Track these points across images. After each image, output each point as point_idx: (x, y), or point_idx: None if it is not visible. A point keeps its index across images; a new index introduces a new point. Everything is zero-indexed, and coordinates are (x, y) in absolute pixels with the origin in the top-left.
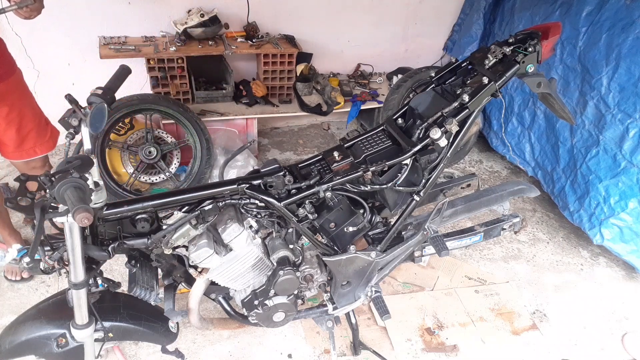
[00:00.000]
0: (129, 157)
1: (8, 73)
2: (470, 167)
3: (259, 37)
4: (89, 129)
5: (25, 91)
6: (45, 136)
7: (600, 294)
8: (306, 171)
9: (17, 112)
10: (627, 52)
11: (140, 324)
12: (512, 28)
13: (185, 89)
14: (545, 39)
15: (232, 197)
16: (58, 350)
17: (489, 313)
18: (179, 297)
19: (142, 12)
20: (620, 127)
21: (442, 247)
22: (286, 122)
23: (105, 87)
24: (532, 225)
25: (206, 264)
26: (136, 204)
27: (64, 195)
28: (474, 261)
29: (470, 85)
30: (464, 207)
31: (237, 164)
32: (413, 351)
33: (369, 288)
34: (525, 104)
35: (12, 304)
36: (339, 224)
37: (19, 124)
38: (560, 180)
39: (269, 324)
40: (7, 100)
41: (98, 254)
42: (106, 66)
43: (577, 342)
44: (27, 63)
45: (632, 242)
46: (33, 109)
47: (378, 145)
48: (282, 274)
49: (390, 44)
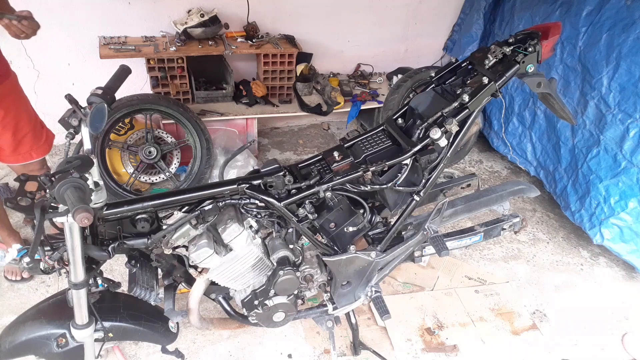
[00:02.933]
0: (129, 157)
1: (3, 77)
2: (470, 167)
3: (259, 37)
4: (89, 129)
5: (20, 94)
6: (41, 140)
7: (600, 294)
8: (306, 171)
9: (13, 115)
10: (627, 52)
11: (140, 324)
12: (512, 28)
13: (185, 89)
14: (545, 39)
15: (232, 197)
16: (58, 350)
17: (489, 313)
18: (179, 297)
19: (142, 12)
20: (620, 127)
21: (442, 247)
22: (286, 122)
23: (105, 87)
24: (532, 225)
25: (206, 264)
26: (136, 204)
27: (64, 195)
28: (474, 261)
29: (470, 85)
30: (464, 207)
31: (237, 164)
32: (413, 351)
33: (369, 288)
34: (525, 104)
35: (12, 304)
36: (339, 224)
37: (14, 128)
38: (562, 180)
39: (269, 324)
40: (3, 104)
41: (98, 254)
42: (106, 66)
43: (577, 342)
44: (27, 63)
45: (632, 242)
46: (28, 112)
47: (378, 145)
48: (282, 274)
49: (390, 44)
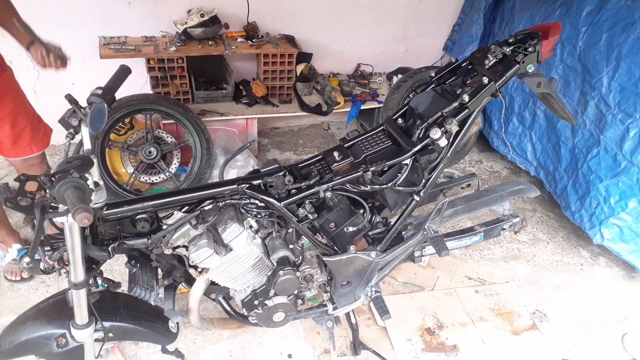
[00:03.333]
0: (129, 157)
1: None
2: (470, 167)
3: (259, 37)
4: (89, 129)
5: (17, 89)
6: (40, 133)
7: (600, 294)
8: (306, 171)
9: (10, 109)
10: (627, 52)
11: (140, 324)
12: (512, 28)
13: (185, 89)
14: (545, 39)
15: (232, 197)
16: (58, 350)
17: (489, 313)
18: (179, 297)
19: (142, 12)
20: (620, 127)
21: (442, 247)
22: (286, 122)
23: (105, 87)
24: (532, 225)
25: (206, 264)
26: (136, 204)
27: (64, 195)
28: (474, 261)
29: (470, 85)
30: (464, 207)
31: (237, 164)
32: (413, 351)
33: (369, 288)
34: (525, 104)
35: (12, 304)
36: (339, 224)
37: (12, 121)
38: (562, 180)
39: (269, 324)
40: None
41: (98, 254)
42: (106, 66)
43: (577, 342)
44: (27, 63)
45: (632, 241)
46: (26, 106)
47: (378, 145)
48: (282, 274)
49: (390, 44)
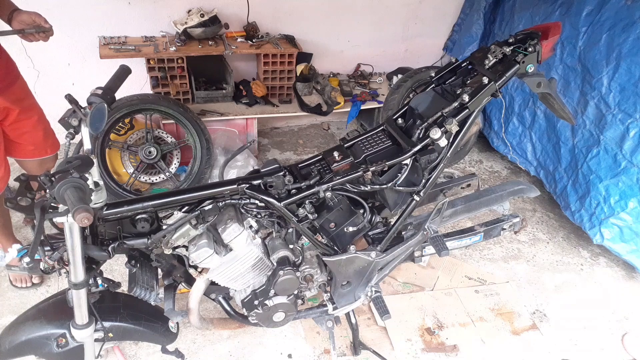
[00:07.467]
0: (129, 157)
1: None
2: (470, 167)
3: (259, 37)
4: (89, 129)
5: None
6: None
7: (600, 294)
8: (306, 171)
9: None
10: (627, 52)
11: (140, 324)
12: (512, 28)
13: (185, 89)
14: (545, 39)
15: (232, 197)
16: (58, 350)
17: (489, 313)
18: (179, 297)
19: (142, 12)
20: (620, 127)
21: (442, 247)
22: (286, 122)
23: (105, 87)
24: (532, 225)
25: (206, 264)
26: (136, 204)
27: (64, 195)
28: (474, 261)
29: (470, 85)
30: (464, 207)
31: (237, 164)
32: (413, 351)
33: (369, 288)
34: (525, 104)
35: (12, 304)
36: (339, 224)
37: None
38: (562, 180)
39: (269, 324)
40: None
41: (98, 254)
42: (106, 66)
43: (577, 342)
44: (27, 63)
45: (632, 241)
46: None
47: (378, 145)
48: (282, 274)
49: (390, 44)
